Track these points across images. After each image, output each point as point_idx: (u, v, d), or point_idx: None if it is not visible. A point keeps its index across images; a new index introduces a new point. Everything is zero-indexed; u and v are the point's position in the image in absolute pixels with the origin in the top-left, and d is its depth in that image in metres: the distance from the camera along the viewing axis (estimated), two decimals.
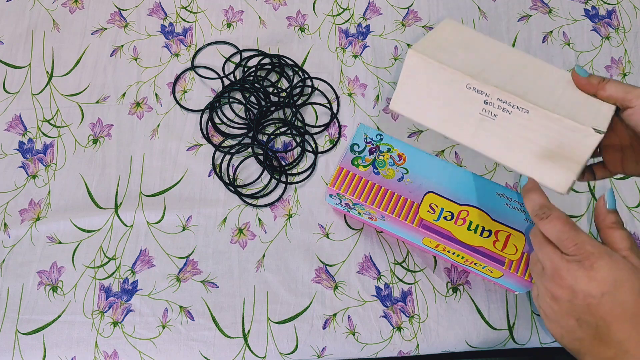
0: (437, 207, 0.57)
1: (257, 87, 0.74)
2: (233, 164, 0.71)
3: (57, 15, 0.80)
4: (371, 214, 0.60)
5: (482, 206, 0.57)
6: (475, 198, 0.57)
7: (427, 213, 0.57)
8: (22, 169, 0.71)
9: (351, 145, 0.60)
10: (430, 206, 0.57)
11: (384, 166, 0.59)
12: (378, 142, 0.60)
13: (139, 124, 0.73)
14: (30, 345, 0.63)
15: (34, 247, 0.67)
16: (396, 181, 0.58)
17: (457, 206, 0.57)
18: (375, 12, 0.80)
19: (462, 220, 0.56)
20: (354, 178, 0.58)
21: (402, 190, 0.58)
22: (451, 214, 0.56)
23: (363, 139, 0.60)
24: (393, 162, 0.59)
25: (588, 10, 0.80)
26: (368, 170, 0.59)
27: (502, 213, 0.56)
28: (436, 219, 0.56)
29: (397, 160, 0.59)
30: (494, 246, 0.55)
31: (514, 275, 0.55)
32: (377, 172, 0.58)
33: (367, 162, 0.59)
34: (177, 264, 0.66)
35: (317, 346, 0.63)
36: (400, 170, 0.58)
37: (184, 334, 0.63)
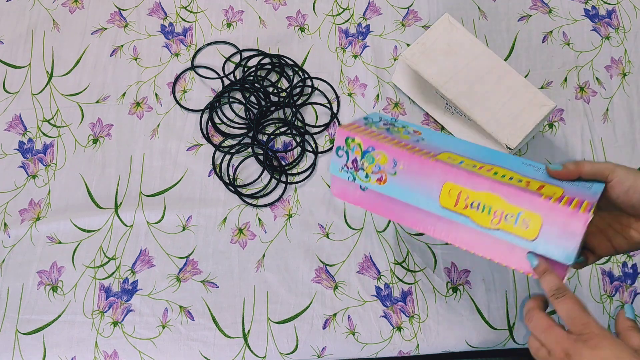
0: (458, 158, 0.48)
1: (257, 87, 0.74)
2: (233, 164, 0.71)
3: (57, 15, 0.80)
4: (381, 166, 0.49)
5: (509, 167, 0.48)
6: (500, 161, 0.49)
7: (448, 160, 0.47)
8: (22, 168, 0.71)
9: (364, 117, 0.55)
10: (449, 158, 0.48)
11: (398, 133, 0.52)
12: (392, 122, 0.55)
13: (139, 123, 0.73)
14: (30, 345, 0.63)
15: (34, 247, 0.67)
16: (412, 141, 0.51)
17: (479, 163, 0.48)
18: (375, 12, 0.80)
19: (488, 170, 0.46)
20: (367, 130, 0.51)
21: (420, 145, 0.50)
22: (474, 165, 0.47)
23: (377, 117, 0.56)
24: (408, 133, 0.53)
25: (588, 10, 0.80)
26: (382, 131, 0.52)
27: (530, 173, 0.48)
28: (457, 164, 0.47)
29: (412, 133, 0.53)
30: (528, 186, 0.45)
31: (564, 210, 0.42)
32: (391, 134, 0.52)
33: (382, 127, 0.53)
34: (177, 264, 0.66)
35: (317, 346, 0.63)
36: (416, 137, 0.52)
37: (184, 333, 0.63)
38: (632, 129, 0.73)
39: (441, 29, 0.67)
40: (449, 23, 0.67)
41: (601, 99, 0.75)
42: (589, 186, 0.46)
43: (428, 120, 0.73)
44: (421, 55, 0.67)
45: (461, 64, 0.66)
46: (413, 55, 0.67)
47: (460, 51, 0.67)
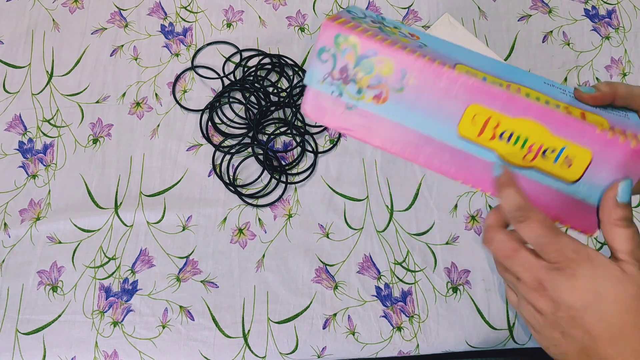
0: (480, 73, 0.37)
1: (257, 87, 0.74)
2: (233, 163, 0.71)
3: (57, 15, 0.80)
4: (382, 78, 0.37)
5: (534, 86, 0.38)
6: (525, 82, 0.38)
7: (469, 74, 0.36)
8: (22, 168, 0.71)
9: (347, 9, 0.40)
10: (469, 72, 0.36)
11: (394, 34, 0.39)
12: (380, 19, 0.41)
13: (139, 123, 0.73)
14: (30, 345, 0.63)
15: (34, 247, 0.67)
16: (416, 47, 0.38)
17: (503, 81, 0.37)
18: (375, 12, 0.80)
19: (518, 90, 0.36)
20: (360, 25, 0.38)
21: (428, 53, 0.37)
22: (500, 84, 0.36)
23: (360, 11, 0.41)
24: (404, 35, 0.39)
25: (588, 10, 0.80)
26: (376, 30, 0.38)
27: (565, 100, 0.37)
28: (483, 79, 0.36)
29: (409, 37, 0.40)
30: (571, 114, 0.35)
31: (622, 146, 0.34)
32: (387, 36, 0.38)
33: (372, 25, 0.39)
34: (177, 264, 0.66)
35: (317, 346, 0.63)
36: (416, 43, 0.39)
37: (184, 334, 0.63)
38: None
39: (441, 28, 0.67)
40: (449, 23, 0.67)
41: None
42: (624, 114, 0.38)
43: None
44: None
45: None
46: None
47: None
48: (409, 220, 0.68)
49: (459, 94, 0.36)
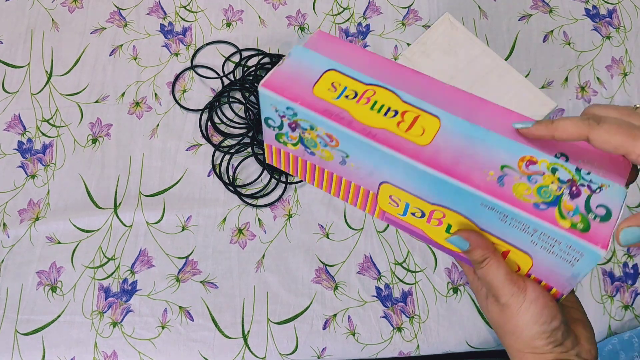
0: (401, 201, 0.39)
1: (256, 86, 0.74)
2: (233, 163, 0.71)
3: (56, 14, 0.80)
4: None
5: (464, 213, 0.37)
6: (452, 202, 0.37)
7: (389, 206, 0.40)
8: (21, 168, 0.71)
9: (264, 118, 0.42)
10: (392, 198, 0.40)
11: (316, 145, 0.40)
12: (293, 116, 0.40)
13: (139, 123, 0.73)
14: (29, 346, 0.63)
15: (33, 247, 0.67)
16: (338, 164, 0.40)
17: (427, 205, 0.38)
18: (375, 11, 0.79)
19: (437, 221, 0.39)
20: (288, 156, 0.43)
21: (351, 175, 0.40)
22: (421, 212, 0.39)
23: (273, 111, 0.40)
24: (325, 143, 0.40)
25: (589, 9, 0.79)
26: (300, 149, 0.41)
27: (496, 226, 0.37)
28: (402, 214, 0.40)
29: (329, 141, 0.39)
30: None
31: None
32: (311, 152, 0.41)
33: (294, 140, 0.41)
34: (177, 264, 0.66)
35: (317, 346, 0.63)
36: (338, 153, 0.39)
37: (183, 334, 0.63)
38: None
39: (441, 28, 0.67)
40: (449, 22, 0.67)
41: (602, 99, 0.74)
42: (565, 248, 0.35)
43: None
44: (421, 54, 0.67)
45: (461, 64, 0.66)
46: (413, 54, 0.67)
47: (461, 51, 0.66)
48: None
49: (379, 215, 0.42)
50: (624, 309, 0.65)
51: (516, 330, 0.38)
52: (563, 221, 0.33)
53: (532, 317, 0.37)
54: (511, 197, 0.34)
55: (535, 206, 0.34)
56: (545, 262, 0.37)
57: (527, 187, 0.35)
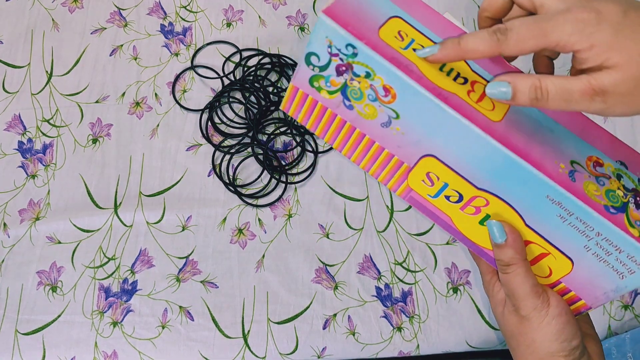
0: (439, 180, 0.35)
1: (257, 86, 0.74)
2: (233, 163, 0.71)
3: (56, 14, 0.80)
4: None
5: (515, 202, 0.34)
6: (508, 191, 0.34)
7: (422, 184, 0.36)
8: (22, 168, 0.71)
9: (307, 54, 0.36)
10: (428, 176, 0.35)
11: (360, 98, 0.34)
12: (350, 57, 0.34)
13: (139, 123, 0.73)
14: (29, 346, 0.63)
15: (34, 247, 0.67)
16: (379, 126, 0.35)
17: (472, 188, 0.34)
18: None
19: (474, 209, 0.35)
20: (315, 106, 0.36)
21: (387, 141, 0.35)
22: (459, 196, 0.35)
23: (325, 45, 0.34)
24: (375, 97, 0.34)
25: None
26: (336, 100, 0.35)
27: (547, 223, 0.34)
28: (433, 195, 0.36)
29: (382, 95, 0.34)
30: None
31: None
32: (349, 105, 0.35)
33: (333, 87, 0.35)
34: (177, 264, 0.66)
35: (317, 346, 0.63)
36: (386, 112, 0.34)
37: (183, 334, 0.63)
38: (632, 129, 0.73)
39: None
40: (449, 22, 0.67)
41: None
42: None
43: None
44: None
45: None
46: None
47: None
48: (409, 221, 0.68)
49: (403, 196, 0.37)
50: (624, 309, 0.65)
51: (533, 344, 0.36)
52: (632, 229, 0.31)
53: (554, 334, 0.35)
54: (584, 195, 0.32)
55: (606, 208, 0.32)
56: (588, 270, 0.34)
57: (596, 187, 0.32)
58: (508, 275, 0.35)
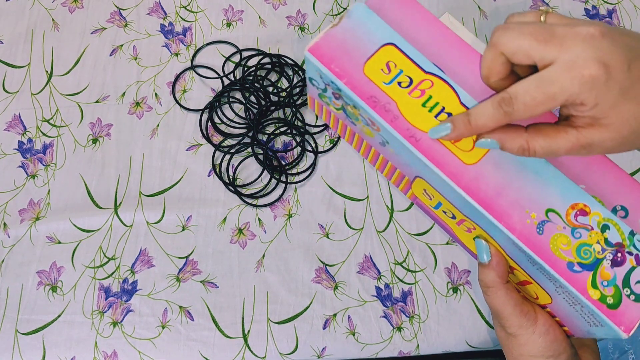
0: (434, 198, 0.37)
1: (257, 86, 0.74)
2: (233, 163, 0.71)
3: (56, 14, 0.80)
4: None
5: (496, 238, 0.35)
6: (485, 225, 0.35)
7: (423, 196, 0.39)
8: (22, 168, 0.71)
9: (308, 78, 0.39)
10: (426, 192, 0.38)
11: (357, 119, 0.38)
12: (336, 90, 0.36)
13: (139, 123, 0.73)
14: (29, 345, 0.63)
15: (34, 247, 0.67)
16: (378, 143, 0.38)
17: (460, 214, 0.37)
18: None
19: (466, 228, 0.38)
20: (330, 114, 0.41)
21: (389, 157, 0.38)
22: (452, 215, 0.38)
23: (318, 76, 0.37)
24: (367, 122, 0.37)
25: (588, 10, 0.80)
26: (342, 115, 0.39)
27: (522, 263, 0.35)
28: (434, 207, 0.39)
29: (370, 124, 0.36)
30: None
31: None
32: (352, 122, 0.39)
33: (337, 105, 0.39)
34: (177, 264, 0.66)
35: (317, 346, 0.63)
36: (378, 136, 0.37)
37: (183, 334, 0.63)
38: None
39: None
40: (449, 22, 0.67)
41: None
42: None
43: None
44: None
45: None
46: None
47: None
48: (409, 220, 0.68)
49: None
50: None
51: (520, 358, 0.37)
52: (593, 291, 0.30)
53: (540, 350, 0.36)
54: (545, 250, 0.31)
55: (568, 266, 0.31)
56: (564, 309, 0.35)
57: (567, 240, 0.31)
58: (489, 296, 0.36)
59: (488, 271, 0.35)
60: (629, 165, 0.71)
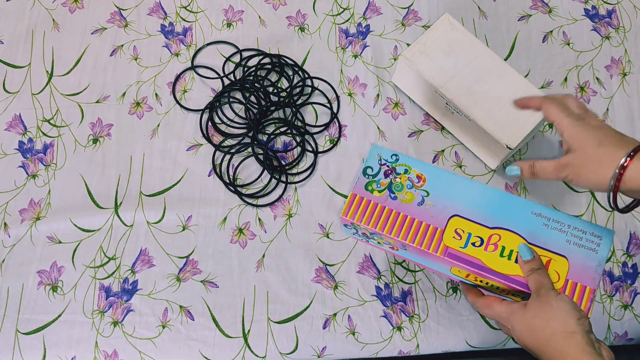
0: (464, 232, 0.51)
1: (257, 86, 0.74)
2: (233, 163, 0.71)
3: (57, 14, 0.80)
4: (391, 243, 0.54)
5: (516, 229, 0.50)
6: (508, 219, 0.51)
7: (453, 240, 0.50)
8: (22, 168, 0.71)
9: (364, 168, 0.54)
10: (456, 232, 0.51)
11: (401, 190, 0.53)
12: (394, 163, 0.54)
13: (139, 123, 0.73)
14: (30, 345, 0.63)
15: (34, 247, 0.67)
16: (416, 205, 0.52)
17: (486, 230, 0.50)
18: (375, 11, 0.80)
19: (493, 246, 0.50)
20: (368, 205, 0.52)
21: (424, 215, 0.52)
22: (480, 240, 0.50)
23: (377, 160, 0.54)
24: (412, 185, 0.53)
25: (588, 10, 0.80)
26: (384, 196, 0.53)
27: (540, 235, 0.50)
28: (463, 246, 0.50)
29: (416, 182, 0.53)
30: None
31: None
32: (394, 197, 0.52)
33: (382, 187, 0.53)
34: (177, 264, 0.66)
35: (317, 346, 0.63)
36: (420, 193, 0.52)
37: (184, 333, 0.63)
38: (632, 129, 0.73)
39: (441, 28, 0.67)
40: (449, 22, 0.67)
41: (601, 99, 0.74)
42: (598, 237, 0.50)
43: (428, 120, 0.73)
44: (421, 55, 0.67)
45: (461, 64, 0.66)
46: (413, 55, 0.67)
47: (460, 51, 0.67)
48: None
49: (442, 261, 0.51)
50: (624, 309, 0.65)
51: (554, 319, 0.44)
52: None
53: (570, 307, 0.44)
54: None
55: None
56: (577, 258, 0.49)
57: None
58: (538, 273, 0.47)
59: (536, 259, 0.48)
60: None
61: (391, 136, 0.72)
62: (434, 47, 0.67)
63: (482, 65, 0.66)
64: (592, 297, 0.48)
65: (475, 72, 0.66)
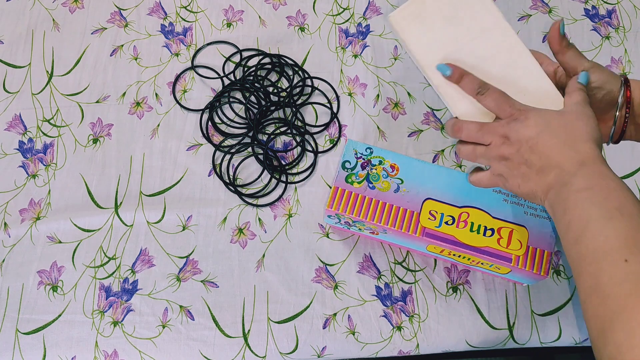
0: (437, 213, 0.58)
1: (257, 86, 0.74)
2: (233, 163, 0.71)
3: (57, 14, 0.80)
4: (372, 228, 0.60)
5: (481, 205, 0.58)
6: (473, 198, 0.59)
7: (428, 220, 0.58)
8: (22, 168, 0.71)
9: (342, 162, 0.60)
10: (431, 213, 0.58)
11: (378, 179, 0.59)
12: (369, 155, 0.61)
13: (139, 123, 0.73)
14: (30, 345, 0.63)
15: (34, 247, 0.67)
16: (393, 193, 0.59)
17: (456, 209, 0.58)
18: (375, 11, 0.80)
19: (463, 223, 0.57)
20: (350, 196, 0.59)
21: (400, 201, 0.58)
22: (452, 218, 0.58)
23: (353, 154, 0.61)
24: (387, 174, 0.60)
25: (588, 9, 0.80)
26: (363, 186, 0.59)
27: (501, 209, 0.58)
28: (438, 225, 0.57)
29: (391, 171, 0.60)
30: (499, 244, 0.57)
31: (522, 270, 0.57)
32: (372, 187, 0.59)
33: (360, 178, 0.59)
34: (177, 264, 0.66)
35: (317, 346, 0.63)
36: (395, 182, 0.59)
37: (184, 333, 0.63)
38: None
39: None
40: None
41: None
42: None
43: (428, 120, 0.73)
44: (414, 19, 0.49)
45: (464, 37, 0.49)
46: (404, 18, 0.49)
47: (468, 19, 0.49)
48: None
49: (419, 240, 0.59)
50: None
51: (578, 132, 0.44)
52: None
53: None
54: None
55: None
56: (534, 226, 0.57)
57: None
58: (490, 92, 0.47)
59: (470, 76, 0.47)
60: (629, 165, 0.72)
61: (391, 136, 0.72)
62: (433, 9, 0.49)
63: (491, 42, 0.49)
64: (550, 259, 0.56)
65: (480, 50, 0.49)
